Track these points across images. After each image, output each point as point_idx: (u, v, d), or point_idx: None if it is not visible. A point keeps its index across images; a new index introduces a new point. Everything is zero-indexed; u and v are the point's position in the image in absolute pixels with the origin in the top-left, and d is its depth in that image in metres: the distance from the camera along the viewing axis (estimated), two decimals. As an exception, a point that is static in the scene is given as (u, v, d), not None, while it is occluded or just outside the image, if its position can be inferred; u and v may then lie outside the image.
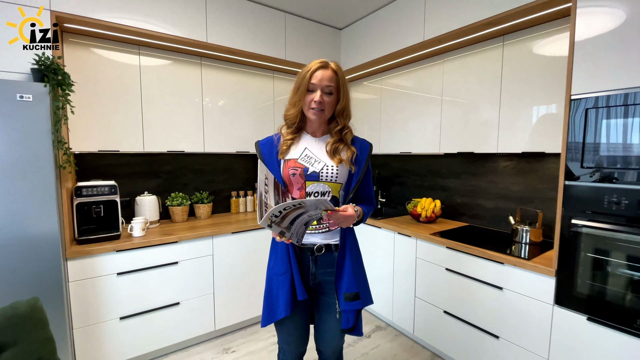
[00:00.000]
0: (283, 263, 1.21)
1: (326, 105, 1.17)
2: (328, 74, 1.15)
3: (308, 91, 1.17)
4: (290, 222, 1.03)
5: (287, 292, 1.18)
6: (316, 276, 1.25)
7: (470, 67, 2.10)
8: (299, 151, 1.22)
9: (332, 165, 1.20)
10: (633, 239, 1.29)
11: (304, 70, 1.18)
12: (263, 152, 1.24)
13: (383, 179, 3.15)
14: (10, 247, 1.53)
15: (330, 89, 1.16)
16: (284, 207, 0.96)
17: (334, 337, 1.30)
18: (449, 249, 1.96)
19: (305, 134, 1.27)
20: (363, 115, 2.96)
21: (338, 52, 2.90)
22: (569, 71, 1.43)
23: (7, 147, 1.50)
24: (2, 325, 1.02)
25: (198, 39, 2.13)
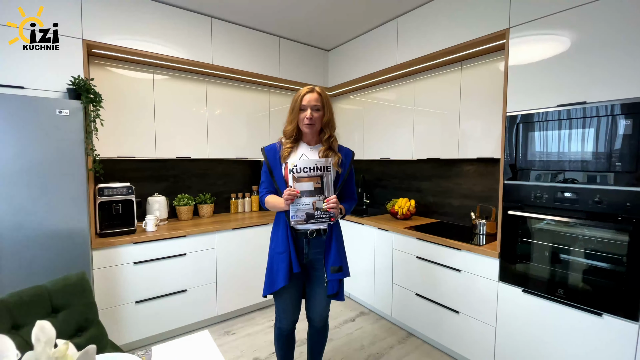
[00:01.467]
0: (283, 244, 1.53)
1: (316, 120, 1.51)
2: (315, 96, 1.51)
3: (300, 110, 1.51)
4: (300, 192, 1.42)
5: (286, 267, 1.51)
6: (308, 255, 1.57)
7: (436, 86, 2.49)
8: (297, 156, 1.57)
9: None
10: (551, 226, 1.66)
11: (296, 96, 1.54)
12: (268, 156, 1.58)
13: (367, 182, 3.51)
14: (48, 238, 1.82)
15: (317, 107, 1.51)
16: (305, 165, 1.41)
17: (322, 304, 1.65)
18: (418, 239, 2.31)
19: (302, 143, 1.61)
20: (349, 125, 3.32)
21: (326, 71, 3.27)
22: (505, 93, 1.81)
23: (48, 153, 1.81)
24: (58, 291, 1.32)
25: (204, 61, 2.48)
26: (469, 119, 2.26)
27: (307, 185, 1.43)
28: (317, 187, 1.44)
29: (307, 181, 1.42)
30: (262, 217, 2.89)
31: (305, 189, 1.43)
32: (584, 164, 1.54)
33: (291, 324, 1.69)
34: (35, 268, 1.79)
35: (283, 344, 1.72)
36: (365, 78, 2.87)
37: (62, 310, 1.32)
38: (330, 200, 1.44)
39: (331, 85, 3.23)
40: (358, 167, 3.65)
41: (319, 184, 1.44)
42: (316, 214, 1.45)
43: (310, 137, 1.59)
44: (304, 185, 1.42)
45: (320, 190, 1.44)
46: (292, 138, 1.57)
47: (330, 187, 1.46)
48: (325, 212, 1.45)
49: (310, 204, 1.44)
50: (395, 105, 2.82)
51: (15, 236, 1.73)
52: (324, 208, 1.44)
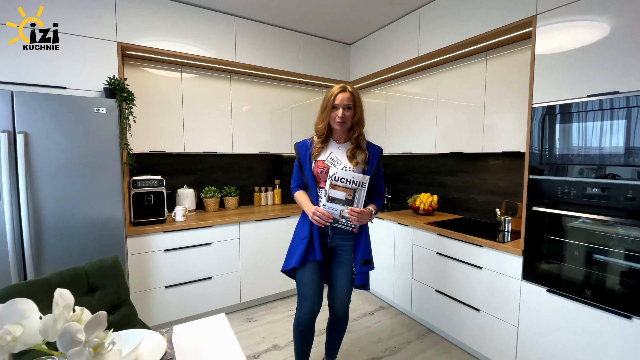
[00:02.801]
0: (306, 231, 1.61)
1: (347, 118, 1.56)
2: (347, 95, 1.55)
3: (333, 109, 1.56)
4: (332, 199, 1.50)
5: (302, 252, 1.60)
6: (332, 240, 1.64)
7: (460, 78, 2.41)
8: (326, 154, 1.62)
9: (349, 167, 1.59)
10: (580, 223, 1.57)
11: (328, 95, 1.58)
12: (299, 152, 1.65)
13: (389, 177, 3.47)
14: (87, 226, 2.00)
15: (349, 105, 1.55)
16: (343, 177, 1.48)
17: (344, 290, 1.71)
18: (439, 235, 2.27)
19: (332, 142, 1.66)
20: (371, 119, 3.30)
21: (347, 65, 3.27)
22: (531, 83, 1.72)
23: (87, 148, 1.97)
24: (95, 272, 1.46)
25: (229, 59, 2.58)
26: (495, 111, 2.18)
27: (340, 194, 1.50)
28: (348, 199, 1.50)
29: (341, 190, 1.49)
30: (283, 210, 2.96)
31: (337, 196, 1.50)
32: (616, 157, 1.44)
33: (311, 314, 1.69)
34: (75, 253, 1.97)
35: (300, 336, 1.74)
36: (387, 71, 2.84)
37: (98, 290, 1.45)
38: (354, 210, 1.48)
39: (353, 79, 3.22)
40: (380, 162, 3.62)
41: (350, 195, 1.50)
42: (341, 220, 1.53)
43: (340, 134, 1.64)
44: (337, 193, 1.50)
45: (350, 202, 1.51)
46: (324, 136, 1.63)
47: (360, 202, 1.51)
48: (349, 221, 1.52)
49: (337, 211, 1.51)
50: (417, 98, 2.77)
51: (59, 223, 1.92)
52: (348, 217, 1.50)
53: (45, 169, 1.87)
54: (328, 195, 1.49)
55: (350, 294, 1.74)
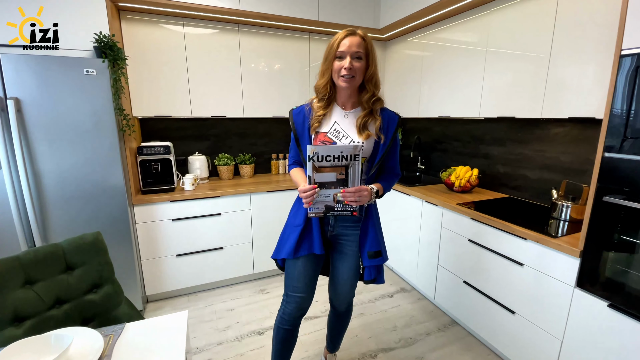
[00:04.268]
0: (302, 216, 1.32)
1: (356, 71, 1.17)
2: (356, 40, 1.16)
3: (337, 58, 1.18)
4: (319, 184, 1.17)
5: (294, 241, 1.31)
6: (334, 228, 1.35)
7: (519, 18, 1.82)
8: (329, 125, 1.27)
9: (359, 141, 1.23)
10: (676, 223, 1.10)
11: (332, 40, 1.19)
12: (296, 122, 1.30)
13: (423, 144, 3.01)
14: (89, 194, 1.95)
15: (359, 54, 1.16)
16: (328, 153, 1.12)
17: (346, 285, 1.44)
18: (473, 220, 1.88)
19: (335, 107, 1.29)
20: (405, 76, 2.79)
21: (377, 8, 2.72)
22: (622, 22, 1.17)
23: (81, 113, 1.86)
24: (73, 250, 1.38)
25: (230, 7, 2.23)
26: (564, 63, 1.61)
27: (328, 176, 1.16)
28: (340, 179, 1.17)
29: (329, 172, 1.15)
30: (300, 180, 2.73)
31: (327, 180, 1.17)
32: None
33: (298, 312, 1.41)
34: (80, 219, 1.96)
35: (281, 338, 1.44)
36: (426, 11, 2.27)
37: (77, 267, 1.38)
38: (347, 191, 1.17)
39: (383, 25, 2.69)
40: (413, 127, 3.15)
41: (342, 174, 1.17)
42: (337, 206, 1.21)
43: (346, 97, 1.27)
44: (325, 176, 1.16)
45: (344, 181, 1.18)
46: (326, 99, 1.27)
47: (357, 179, 1.17)
48: (345, 205, 1.21)
49: (330, 196, 1.19)
50: (461, 46, 2.21)
51: (61, 190, 1.89)
52: (343, 200, 1.19)
53: (41, 136, 1.81)
54: (313, 180, 1.16)
55: (354, 289, 1.48)
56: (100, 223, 2.01)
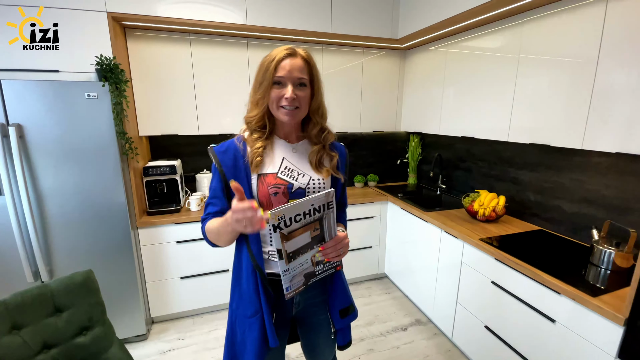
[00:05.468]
0: (252, 301, 1.00)
1: (301, 101, 0.95)
2: (299, 64, 0.93)
3: (275, 85, 0.93)
4: (293, 252, 0.88)
5: (257, 338, 0.99)
6: (300, 303, 1.09)
7: (555, 29, 1.57)
8: (277, 163, 1.00)
9: (319, 179, 1.03)
10: None
11: (266, 60, 0.94)
12: (223, 161, 0.96)
13: (445, 162, 2.78)
14: (91, 218, 1.92)
15: (302, 80, 0.94)
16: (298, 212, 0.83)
17: (324, 353, 1.24)
18: (497, 261, 1.67)
19: (277, 140, 1.03)
20: (423, 89, 2.58)
21: (395, 17, 2.51)
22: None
23: (82, 138, 1.82)
24: (62, 291, 1.32)
25: (237, 22, 2.11)
26: (611, 81, 1.37)
27: (302, 239, 0.88)
28: (315, 236, 0.92)
29: (301, 233, 0.88)
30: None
31: (300, 244, 0.89)
32: None
33: None
34: (83, 244, 1.94)
35: None
36: (453, 21, 2.04)
37: (66, 310, 1.33)
38: (327, 247, 0.93)
39: (402, 35, 2.48)
40: (434, 142, 2.92)
41: (317, 229, 0.91)
42: (317, 269, 0.97)
43: (289, 128, 1.04)
44: (298, 241, 0.88)
45: (320, 237, 0.93)
46: (265, 131, 1.00)
47: (333, 228, 0.93)
48: (327, 263, 0.99)
49: (308, 261, 0.93)
50: (490, 55, 1.98)
51: (63, 215, 1.87)
52: (324, 260, 0.97)
53: (43, 161, 1.79)
54: (285, 252, 0.86)
55: (333, 352, 1.28)
56: (104, 246, 1.98)
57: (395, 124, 2.97)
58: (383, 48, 2.72)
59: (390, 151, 3.21)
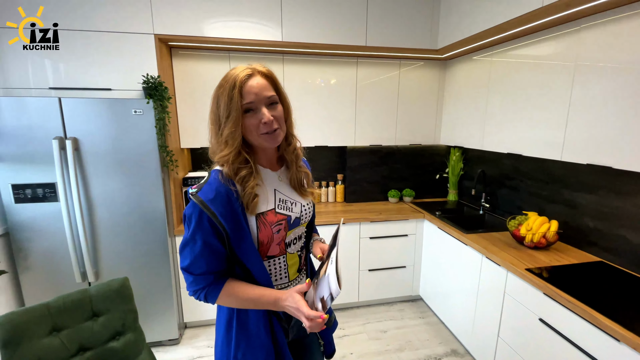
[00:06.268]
0: (263, 345, 0.91)
1: (279, 121, 0.88)
2: (262, 82, 0.85)
3: (245, 113, 0.85)
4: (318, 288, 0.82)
5: None
6: (294, 328, 1.01)
7: (622, 34, 1.38)
8: (270, 197, 0.92)
9: (307, 204, 1.01)
10: None
11: (225, 89, 0.84)
12: (218, 210, 0.82)
13: (489, 179, 2.57)
14: (134, 225, 2.05)
15: (272, 98, 0.87)
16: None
17: None
18: (546, 296, 1.48)
19: (263, 171, 0.95)
20: (466, 101, 2.43)
21: (435, 27, 2.40)
22: None
23: (127, 150, 1.96)
24: (100, 297, 1.40)
25: (273, 39, 2.16)
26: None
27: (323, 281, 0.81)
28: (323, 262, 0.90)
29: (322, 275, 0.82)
30: (346, 213, 2.55)
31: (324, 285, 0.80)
32: None
33: None
34: (125, 249, 2.07)
35: None
36: (497, 30, 1.91)
37: (102, 315, 1.41)
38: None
39: (442, 45, 2.36)
40: (477, 157, 2.72)
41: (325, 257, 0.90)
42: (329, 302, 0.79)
43: (271, 154, 0.97)
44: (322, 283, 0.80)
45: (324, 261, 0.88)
46: (248, 165, 0.88)
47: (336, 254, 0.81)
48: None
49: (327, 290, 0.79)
50: (541, 63, 1.80)
51: (110, 221, 2.01)
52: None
53: (94, 172, 1.94)
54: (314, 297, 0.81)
55: None
56: (144, 251, 2.09)
57: (434, 137, 2.82)
58: (422, 59, 2.62)
59: (428, 165, 3.05)
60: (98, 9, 1.90)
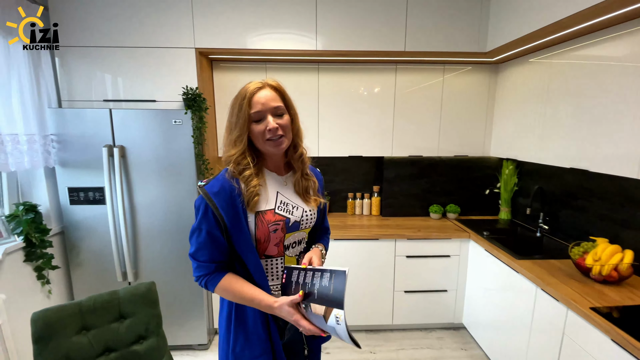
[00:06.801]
0: (260, 340, 0.97)
1: (284, 129, 0.95)
2: (270, 94, 0.94)
3: (254, 122, 0.93)
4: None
5: None
6: (290, 331, 1.05)
7: None
8: (272, 198, 0.99)
9: (310, 210, 1.05)
10: None
11: (237, 100, 0.94)
12: (220, 203, 0.90)
13: (548, 196, 2.24)
14: (171, 229, 2.14)
15: (279, 109, 0.95)
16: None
17: None
18: (615, 343, 1.20)
19: (268, 174, 1.02)
20: (521, 108, 2.16)
21: (484, 27, 2.18)
22: None
23: (167, 158, 2.06)
24: (127, 300, 1.45)
25: (308, 49, 2.14)
26: None
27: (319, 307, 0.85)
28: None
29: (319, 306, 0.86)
30: (381, 228, 2.41)
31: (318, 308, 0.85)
32: None
33: None
34: (163, 251, 2.17)
35: None
36: (557, 26, 1.66)
37: (128, 317, 1.45)
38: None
39: (492, 47, 2.13)
40: (533, 170, 2.40)
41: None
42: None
43: (278, 159, 1.04)
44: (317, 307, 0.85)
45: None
46: (252, 165, 0.95)
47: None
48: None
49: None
50: (616, 64, 1.52)
51: (149, 224, 2.13)
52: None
53: (138, 179, 2.07)
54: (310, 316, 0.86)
55: None
56: (178, 255, 2.17)
57: (484, 148, 2.56)
58: (469, 63, 2.40)
59: (476, 179, 2.77)
60: (146, 27, 2.05)
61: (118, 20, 2.03)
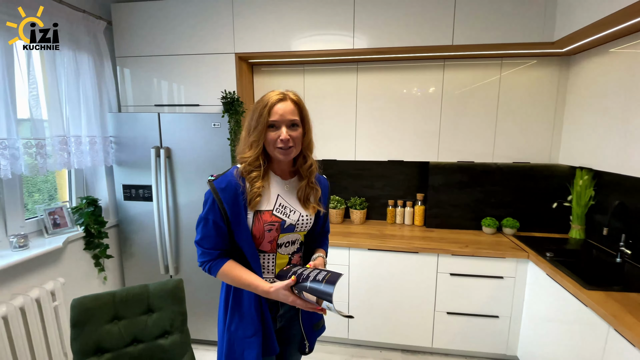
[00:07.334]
0: (253, 322, 1.07)
1: (295, 141, 1.04)
2: (290, 107, 1.04)
3: (269, 128, 1.03)
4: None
5: (256, 355, 1.07)
6: (284, 317, 1.19)
7: None
8: (272, 200, 1.08)
9: (307, 215, 1.13)
10: None
11: (259, 106, 1.04)
12: (225, 200, 1.01)
13: (631, 213, 1.83)
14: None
15: (295, 122, 1.04)
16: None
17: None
18: None
19: (273, 177, 1.12)
20: (600, 108, 1.80)
21: (551, 13, 1.86)
22: None
23: (206, 159, 2.14)
24: (156, 294, 1.52)
25: (345, 48, 2.05)
26: None
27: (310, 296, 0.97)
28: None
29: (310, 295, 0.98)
30: (423, 240, 2.22)
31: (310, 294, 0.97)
32: None
33: None
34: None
35: None
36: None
37: (156, 311, 1.52)
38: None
39: (561, 36, 1.81)
40: (612, 182, 1.98)
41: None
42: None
43: (285, 165, 1.13)
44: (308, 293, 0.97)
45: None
46: (260, 169, 1.06)
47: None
48: None
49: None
50: None
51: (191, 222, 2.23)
52: None
53: (181, 178, 2.19)
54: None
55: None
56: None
57: (550, 154, 2.20)
58: (533, 56, 2.08)
59: (540, 190, 2.39)
60: (191, 36, 2.17)
61: (168, 31, 2.18)
